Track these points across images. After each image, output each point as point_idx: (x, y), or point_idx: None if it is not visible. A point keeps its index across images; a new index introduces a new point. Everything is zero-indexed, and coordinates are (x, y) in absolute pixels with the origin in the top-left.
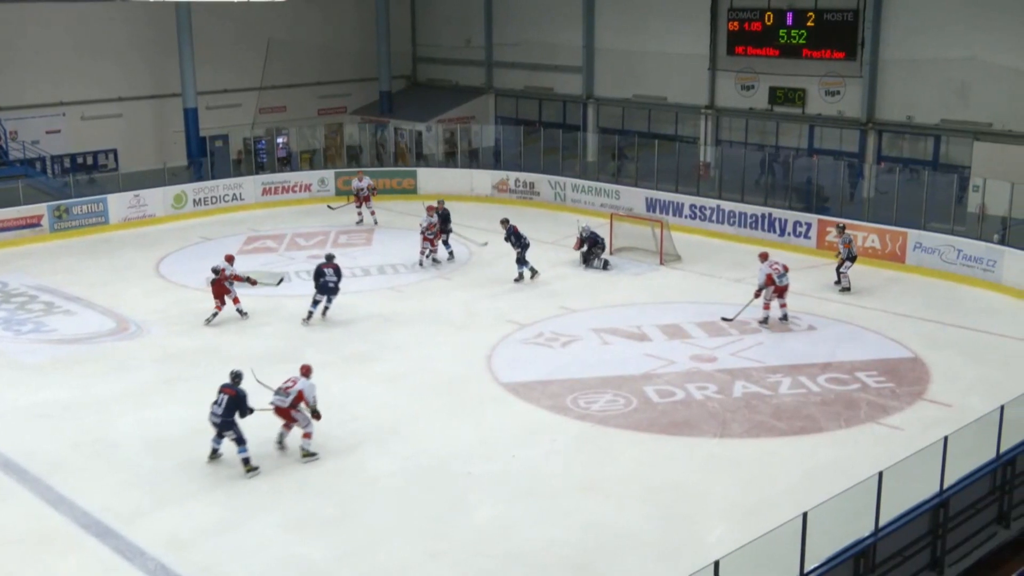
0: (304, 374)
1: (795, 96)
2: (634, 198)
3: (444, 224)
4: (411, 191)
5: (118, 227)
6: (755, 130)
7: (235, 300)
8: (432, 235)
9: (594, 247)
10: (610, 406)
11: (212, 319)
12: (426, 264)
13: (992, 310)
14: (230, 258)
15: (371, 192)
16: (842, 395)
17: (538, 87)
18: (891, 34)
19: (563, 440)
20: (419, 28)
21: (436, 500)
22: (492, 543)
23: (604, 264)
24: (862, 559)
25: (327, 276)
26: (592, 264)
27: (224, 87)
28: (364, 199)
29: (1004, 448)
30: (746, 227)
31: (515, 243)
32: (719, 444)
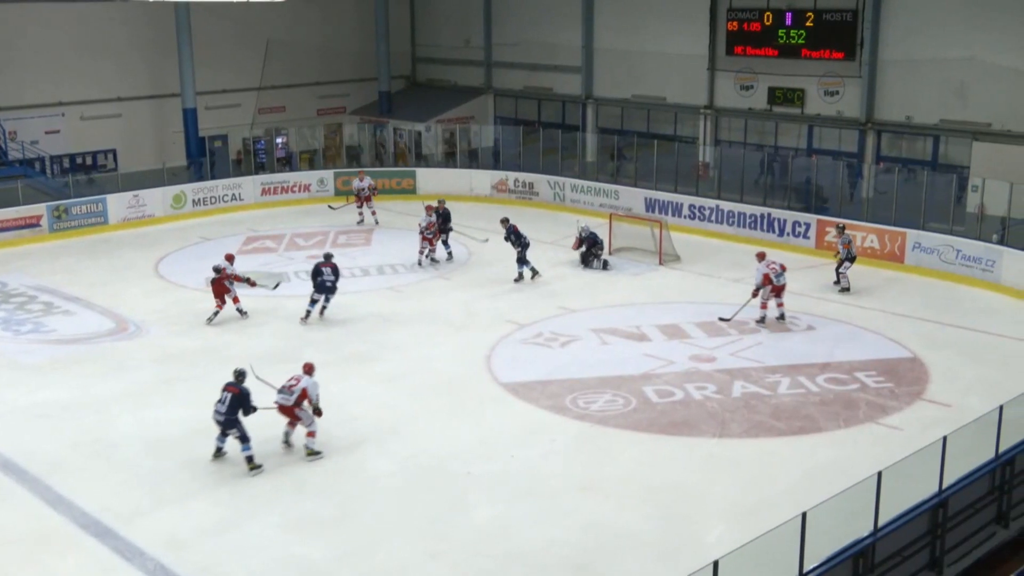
0: (307, 372)
1: (794, 96)
2: (633, 198)
3: (444, 224)
4: (410, 191)
5: (117, 227)
6: (754, 130)
7: (235, 300)
8: (431, 234)
9: (593, 247)
10: (609, 406)
11: (213, 318)
12: (425, 264)
13: (991, 310)
14: (230, 257)
15: (372, 192)
16: (841, 395)
17: (537, 87)
18: (890, 34)
19: (562, 440)
20: (418, 28)
21: (435, 500)
22: (491, 543)
23: (603, 264)
24: (861, 559)
25: (325, 275)
26: (591, 264)
27: (223, 87)
28: (365, 199)
29: (1003, 448)
30: (745, 227)
31: (515, 242)
32: (718, 444)
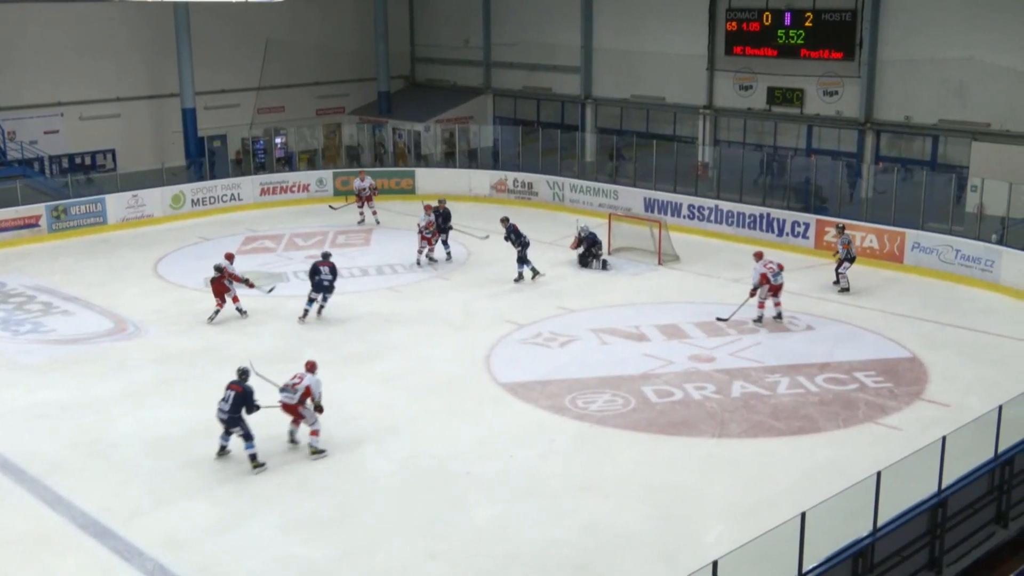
0: (310, 370)
1: (793, 96)
2: (632, 198)
3: (444, 223)
4: (409, 191)
5: (116, 227)
6: (753, 130)
7: (235, 299)
8: (430, 234)
9: (592, 247)
10: (608, 406)
11: (214, 317)
12: (423, 263)
13: (990, 310)
14: (230, 256)
15: (373, 192)
16: (840, 395)
17: (536, 87)
18: (889, 34)
19: (562, 440)
20: (417, 28)
21: (435, 500)
22: (491, 543)
23: (603, 264)
24: (860, 559)
25: (322, 274)
26: (590, 264)
27: (222, 87)
28: (366, 199)
29: (1002, 448)
30: (744, 227)
31: (515, 242)
32: (717, 444)
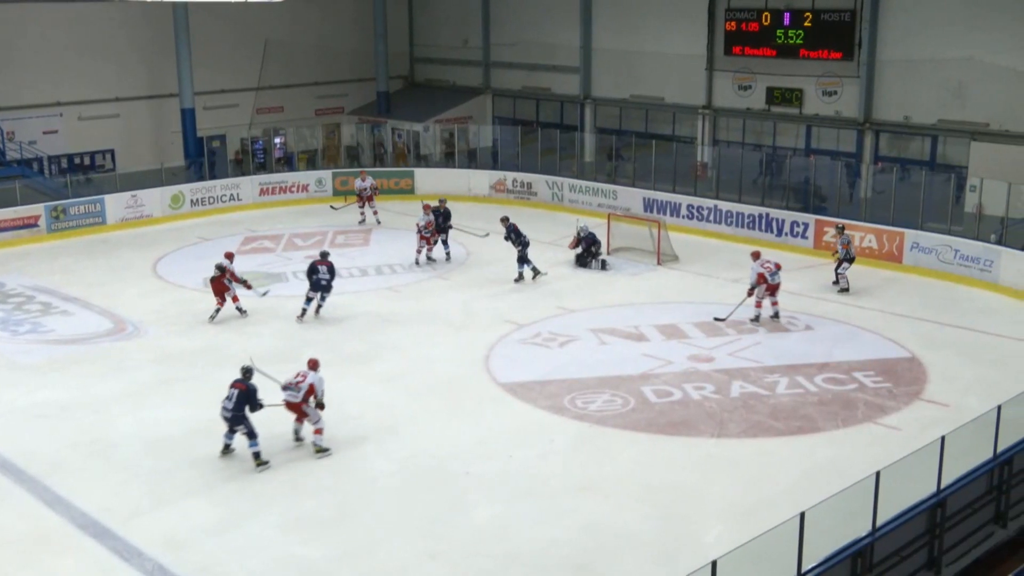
0: (312, 368)
1: (792, 96)
2: (631, 198)
3: (444, 222)
4: (408, 191)
5: (115, 227)
6: (752, 130)
7: (235, 299)
8: (429, 233)
9: (592, 247)
10: (608, 406)
11: (215, 315)
12: (422, 263)
13: (989, 310)
14: (230, 255)
15: (374, 192)
16: (839, 395)
17: (535, 87)
18: (888, 34)
19: (561, 440)
20: (416, 28)
21: (435, 500)
22: (491, 543)
23: (602, 264)
24: (859, 559)
25: (320, 273)
26: (589, 264)
27: (221, 87)
28: (367, 199)
29: (1001, 448)
30: (743, 227)
31: (515, 241)
32: (717, 444)
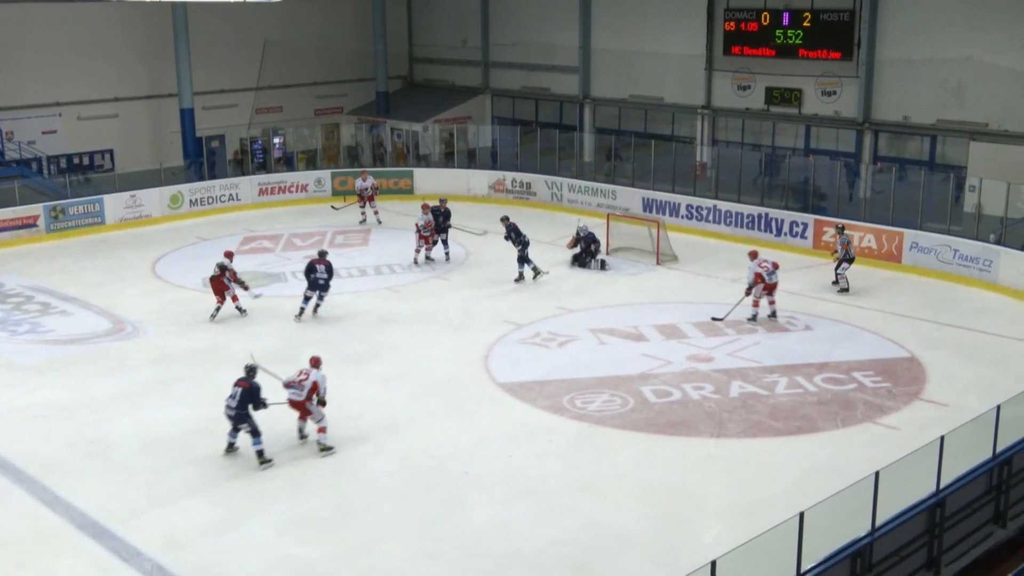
0: (314, 365)
1: (791, 96)
2: (631, 198)
3: (444, 222)
4: (408, 191)
5: (114, 227)
6: (751, 130)
7: (234, 298)
8: (428, 233)
9: (591, 247)
10: (607, 406)
11: (216, 314)
12: (421, 263)
13: (988, 310)
14: (229, 254)
15: (374, 192)
16: (839, 395)
17: (535, 87)
18: (887, 34)
19: (560, 440)
20: (415, 28)
21: (434, 500)
22: (490, 543)
23: (601, 264)
24: (859, 559)
25: (318, 272)
26: (588, 264)
27: (220, 87)
28: (368, 199)
29: (1000, 448)
30: (742, 227)
31: (515, 241)
32: (716, 444)
